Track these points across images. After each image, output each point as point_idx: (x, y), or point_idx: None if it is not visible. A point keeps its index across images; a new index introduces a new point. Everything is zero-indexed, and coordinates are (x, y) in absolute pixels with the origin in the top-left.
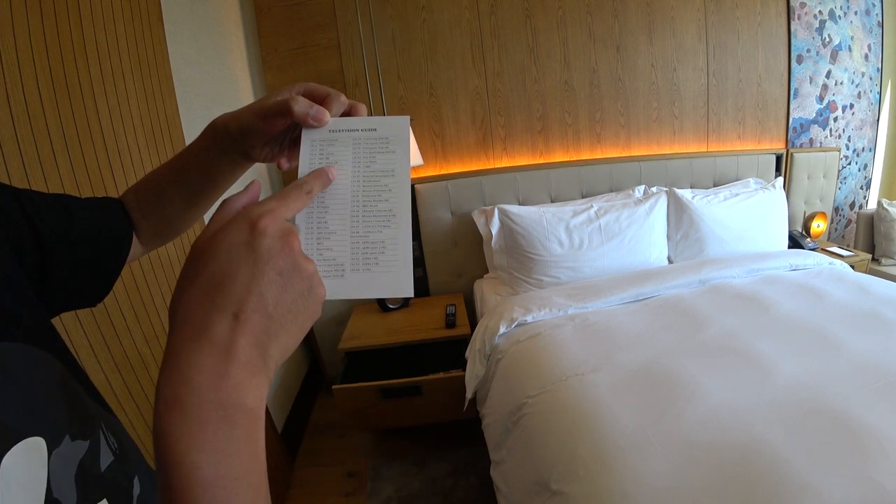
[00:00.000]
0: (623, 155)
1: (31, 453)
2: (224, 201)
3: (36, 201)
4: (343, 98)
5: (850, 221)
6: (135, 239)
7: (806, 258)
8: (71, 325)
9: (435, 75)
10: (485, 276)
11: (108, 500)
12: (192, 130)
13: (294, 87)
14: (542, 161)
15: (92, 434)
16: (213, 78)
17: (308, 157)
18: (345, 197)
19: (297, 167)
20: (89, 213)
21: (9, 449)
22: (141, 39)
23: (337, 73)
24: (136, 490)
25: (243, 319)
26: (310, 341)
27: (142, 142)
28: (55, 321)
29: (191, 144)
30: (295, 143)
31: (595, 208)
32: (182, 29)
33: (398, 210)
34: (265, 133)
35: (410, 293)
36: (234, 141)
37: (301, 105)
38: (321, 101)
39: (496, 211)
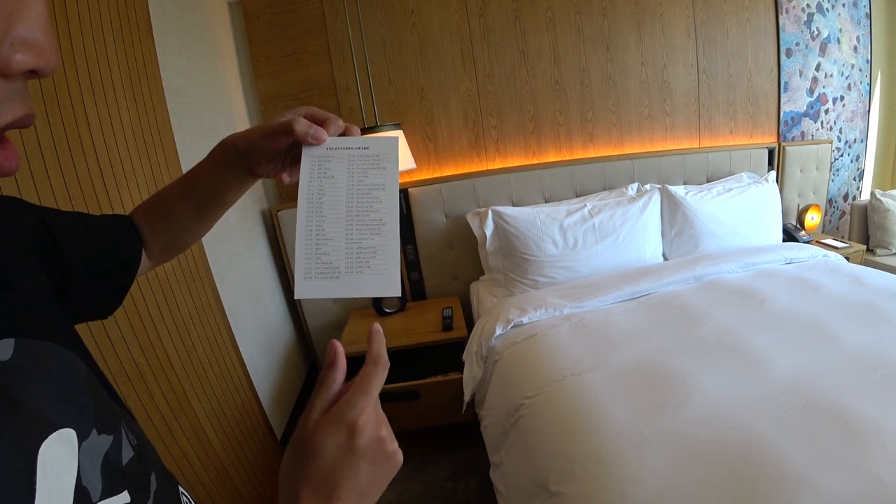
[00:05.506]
0: (615, 153)
1: (64, 443)
2: (321, 381)
3: (56, 219)
4: (340, 122)
5: (844, 213)
6: (143, 254)
7: (800, 251)
8: None
9: (426, 79)
10: (480, 277)
11: (129, 493)
12: (184, 140)
13: (298, 110)
14: (534, 161)
15: (115, 430)
16: (204, 87)
17: (308, 171)
18: (340, 207)
19: (297, 182)
20: (103, 230)
21: (45, 437)
22: (130, 50)
23: (328, 79)
24: (154, 486)
25: (343, 499)
26: (307, 348)
27: (133, 153)
28: None
29: (200, 162)
30: (295, 161)
31: (589, 207)
32: (172, 39)
33: (388, 220)
34: (269, 150)
35: (398, 292)
36: (240, 157)
37: (302, 125)
38: (321, 123)
39: (490, 212)
